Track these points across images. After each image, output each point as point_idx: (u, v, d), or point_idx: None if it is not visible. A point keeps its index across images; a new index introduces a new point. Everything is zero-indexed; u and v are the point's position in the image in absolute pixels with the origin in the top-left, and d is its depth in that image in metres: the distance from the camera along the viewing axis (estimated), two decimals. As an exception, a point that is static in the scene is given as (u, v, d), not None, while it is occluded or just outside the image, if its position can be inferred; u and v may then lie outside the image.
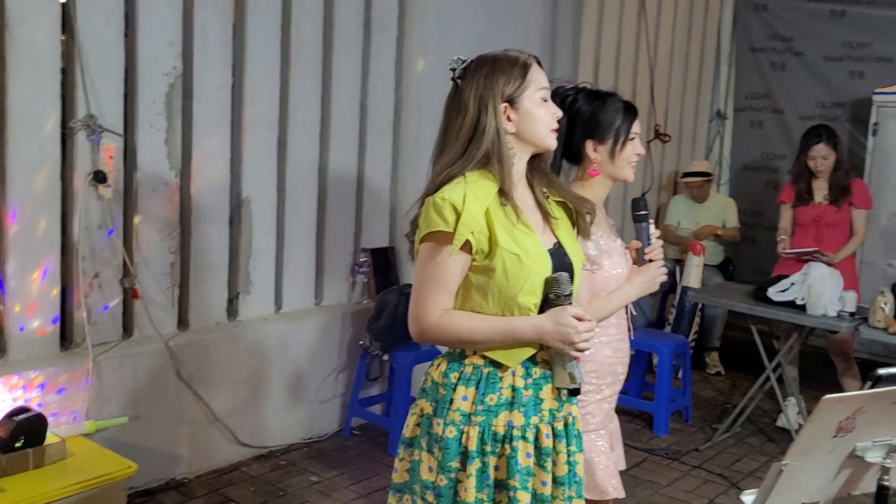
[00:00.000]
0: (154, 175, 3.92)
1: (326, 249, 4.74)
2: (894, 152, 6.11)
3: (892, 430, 1.85)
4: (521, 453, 2.09)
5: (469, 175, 2.07)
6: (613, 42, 6.48)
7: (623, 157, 2.63)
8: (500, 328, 2.06)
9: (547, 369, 2.13)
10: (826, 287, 4.53)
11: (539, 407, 2.12)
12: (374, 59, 4.78)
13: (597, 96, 2.65)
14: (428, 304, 2.07)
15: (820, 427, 1.75)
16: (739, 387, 5.83)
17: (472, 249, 2.04)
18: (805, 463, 1.80)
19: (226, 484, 4.11)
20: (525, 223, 2.09)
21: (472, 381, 2.10)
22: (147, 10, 3.80)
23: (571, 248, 2.19)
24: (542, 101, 2.12)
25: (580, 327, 2.02)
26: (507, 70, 2.10)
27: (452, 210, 2.01)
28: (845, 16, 6.84)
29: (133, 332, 3.98)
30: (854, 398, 1.72)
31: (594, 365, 2.61)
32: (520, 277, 2.03)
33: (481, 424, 2.08)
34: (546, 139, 2.14)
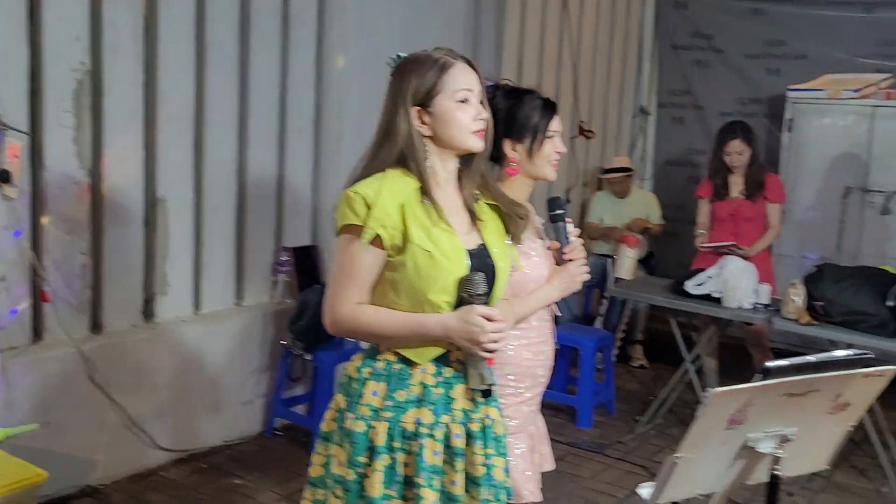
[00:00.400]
0: (63, 174, 3.82)
1: (247, 248, 4.68)
2: (809, 147, 6.26)
3: (782, 421, 1.89)
4: (427, 451, 2.08)
5: (390, 172, 2.08)
6: (537, 38, 6.52)
7: (542, 156, 2.59)
8: (408, 324, 2.06)
9: (460, 370, 2.13)
10: (741, 280, 4.63)
11: (450, 406, 2.12)
12: (293, 55, 4.74)
13: (515, 94, 2.61)
14: (340, 297, 2.09)
15: (711, 420, 1.78)
16: (662, 379, 5.90)
17: (386, 245, 2.04)
18: (699, 455, 1.83)
19: (144, 489, 4.04)
20: (445, 222, 2.09)
21: (382, 376, 2.11)
22: (52, 4, 3.70)
23: (498, 250, 2.18)
24: (459, 104, 2.09)
25: (487, 327, 2.01)
26: (422, 72, 2.09)
27: (364, 204, 2.02)
28: (764, 14, 6.99)
29: (43, 337, 3.87)
30: (743, 391, 1.75)
31: (512, 368, 2.57)
32: (431, 275, 2.04)
33: (390, 420, 2.09)
34: (465, 142, 2.11)
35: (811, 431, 1.97)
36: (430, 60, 2.11)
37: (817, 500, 4.30)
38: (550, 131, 2.60)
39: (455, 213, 2.15)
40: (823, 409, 1.94)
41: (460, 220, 2.15)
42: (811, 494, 4.34)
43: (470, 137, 2.10)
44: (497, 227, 2.23)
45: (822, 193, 6.23)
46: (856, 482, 4.52)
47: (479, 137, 2.11)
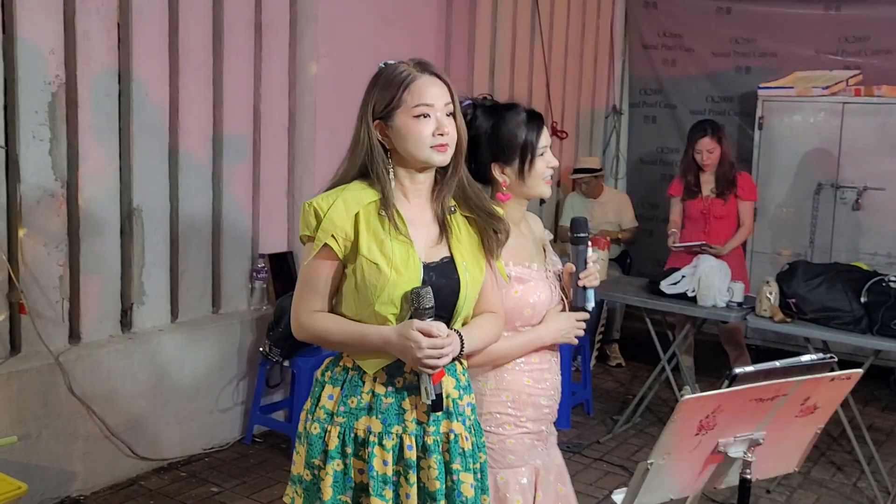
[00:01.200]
0: (38, 186, 3.82)
1: (223, 256, 4.69)
2: (780, 145, 6.34)
3: (751, 425, 1.93)
4: (376, 460, 2.12)
5: (353, 184, 2.13)
6: (508, 41, 6.56)
7: (534, 175, 2.44)
8: (352, 334, 2.11)
9: (414, 381, 2.13)
10: (715, 279, 4.68)
11: (402, 417, 2.13)
12: (266, 63, 4.75)
13: (495, 111, 2.44)
14: (299, 305, 2.17)
15: (682, 426, 1.82)
16: (640, 377, 5.97)
17: (339, 255, 2.09)
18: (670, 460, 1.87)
19: (124, 499, 4.05)
20: (404, 235, 2.10)
21: (338, 381, 2.16)
22: (26, 18, 3.69)
23: (469, 264, 2.17)
24: (417, 119, 2.07)
25: (423, 343, 1.99)
26: (384, 85, 2.12)
27: (314, 215, 2.09)
28: (731, 12, 7.07)
29: (21, 348, 3.87)
30: (712, 398, 1.79)
31: (511, 394, 2.44)
32: (377, 287, 2.06)
33: (342, 425, 2.13)
34: (422, 156, 2.09)
35: (780, 435, 2.02)
36: (395, 74, 2.11)
37: (795, 496, 4.36)
38: (540, 148, 2.44)
39: (421, 225, 2.16)
40: (792, 412, 1.98)
41: (426, 233, 2.16)
42: (789, 491, 4.40)
43: (427, 152, 2.09)
44: (472, 240, 2.22)
45: (794, 190, 6.32)
46: (833, 478, 4.59)
47: (438, 152, 2.09)
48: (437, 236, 2.18)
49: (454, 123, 2.12)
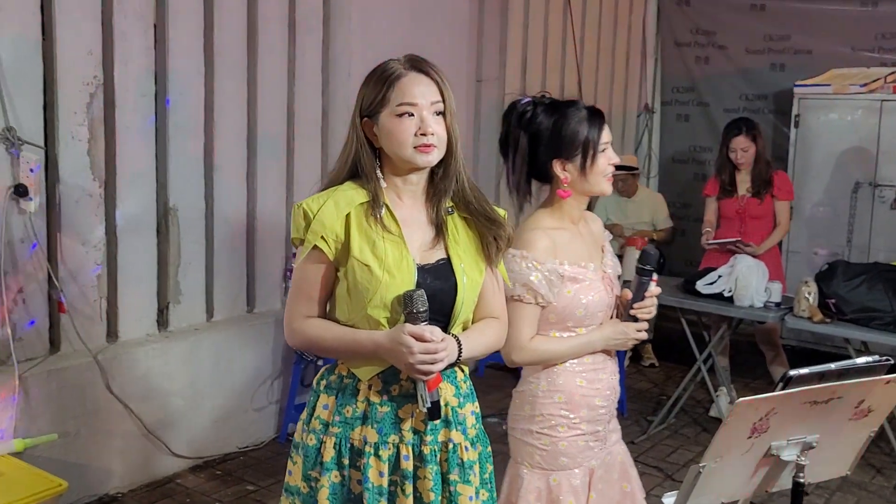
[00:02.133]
0: (77, 186, 3.85)
1: (258, 255, 4.70)
2: (816, 143, 6.27)
3: (804, 429, 1.90)
4: (372, 471, 2.05)
5: (345, 184, 2.07)
6: (540, 39, 6.54)
7: (596, 172, 2.43)
8: (344, 339, 2.03)
9: (410, 388, 2.05)
10: (752, 278, 4.64)
11: (398, 427, 2.06)
12: (300, 62, 4.76)
13: (556, 108, 2.44)
14: (291, 310, 2.10)
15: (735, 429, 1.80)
16: (673, 378, 5.93)
17: (330, 257, 2.03)
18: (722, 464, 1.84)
19: (160, 497, 4.07)
20: (398, 236, 2.04)
21: (333, 390, 2.09)
22: (64, 19, 3.72)
23: (468, 266, 2.09)
24: (399, 118, 2.00)
25: (415, 348, 1.92)
26: (371, 84, 2.06)
27: (304, 217, 2.03)
28: (765, 9, 7.00)
29: (60, 347, 3.90)
30: (766, 400, 1.76)
31: (563, 395, 2.43)
32: (369, 289, 1.99)
33: (338, 436, 2.06)
34: (405, 157, 2.02)
35: (833, 438, 1.99)
36: (382, 71, 2.05)
37: (834, 498, 4.31)
38: (602, 144, 2.43)
39: (416, 226, 2.09)
40: (846, 415, 1.95)
41: (421, 234, 2.09)
42: (828, 494, 4.35)
43: (412, 153, 2.01)
44: (471, 242, 2.13)
45: (831, 189, 6.24)
46: (872, 480, 4.53)
47: (421, 153, 2.00)
48: (433, 238, 2.10)
49: (443, 123, 2.03)
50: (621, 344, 2.47)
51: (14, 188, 3.61)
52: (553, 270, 2.38)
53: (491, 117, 6.12)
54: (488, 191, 6.36)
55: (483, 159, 6.10)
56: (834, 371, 1.85)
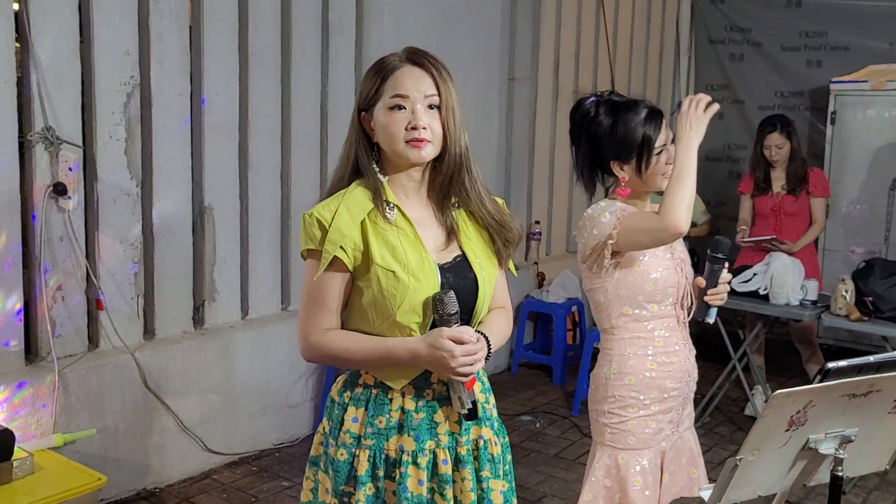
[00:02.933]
0: (115, 185, 3.90)
1: (292, 254, 4.73)
2: (853, 140, 6.20)
3: (843, 422, 1.89)
4: (411, 480, 1.99)
5: (352, 186, 2.00)
6: (573, 38, 6.53)
7: (652, 172, 2.51)
8: (375, 350, 1.95)
9: (443, 390, 2.01)
10: (788, 276, 4.60)
11: (434, 431, 2.01)
12: (333, 62, 4.78)
13: (615, 109, 2.51)
14: (308, 324, 2.00)
15: (772, 422, 1.79)
16: (707, 376, 5.87)
17: (349, 266, 1.95)
18: (759, 457, 1.83)
19: (197, 492, 4.11)
20: (414, 236, 1.98)
21: (361, 401, 2.02)
22: (102, 20, 3.77)
23: (483, 261, 2.05)
24: (391, 111, 1.95)
25: (456, 351, 1.86)
26: (369, 77, 2.01)
27: (319, 227, 1.94)
28: (801, 5, 6.94)
29: (98, 344, 3.96)
30: (804, 392, 1.75)
31: (633, 378, 2.51)
32: (396, 295, 1.93)
33: (371, 448, 1.99)
34: (399, 151, 1.96)
35: (872, 432, 1.97)
36: (380, 65, 2.01)
37: (871, 497, 4.27)
38: (659, 146, 2.49)
39: (427, 225, 2.03)
40: (885, 408, 1.93)
41: (433, 233, 2.03)
42: (865, 493, 4.30)
43: (404, 147, 1.95)
44: (480, 235, 2.09)
45: (868, 186, 6.17)
46: (910, 479, 4.49)
47: (413, 147, 1.94)
48: (445, 235, 2.04)
49: (439, 117, 1.97)
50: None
51: (53, 187, 3.67)
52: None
53: (523, 116, 6.12)
54: (521, 189, 6.39)
55: (515, 158, 6.10)
56: (872, 363, 1.84)
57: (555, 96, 6.44)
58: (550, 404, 5.39)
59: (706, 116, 2.46)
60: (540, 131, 6.36)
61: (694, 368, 2.66)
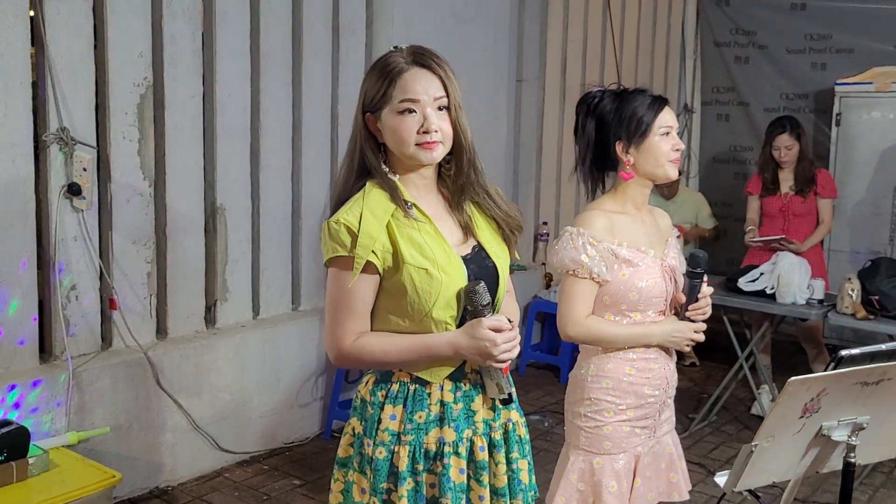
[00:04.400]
0: (128, 186, 3.94)
1: (302, 255, 4.77)
2: (858, 142, 6.23)
3: (855, 410, 1.92)
4: (453, 470, 2.03)
5: (368, 187, 2.01)
6: (580, 40, 6.56)
7: (655, 153, 2.47)
8: (415, 348, 1.98)
9: (477, 380, 2.06)
10: (794, 275, 4.63)
11: (472, 420, 2.06)
12: (344, 64, 4.82)
13: (621, 95, 2.53)
14: (340, 331, 2.00)
15: (787, 409, 1.82)
16: (714, 377, 5.92)
17: (379, 269, 1.97)
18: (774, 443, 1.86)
19: (209, 490, 4.14)
20: (436, 232, 2.02)
21: (399, 399, 2.03)
22: (116, 22, 3.81)
23: (496, 249, 2.11)
24: (401, 115, 1.96)
25: (498, 339, 1.92)
26: (372, 78, 2.01)
27: (348, 232, 1.94)
28: (806, 8, 6.97)
29: (112, 343, 3.99)
30: (818, 380, 1.78)
31: (611, 382, 2.49)
32: (431, 292, 1.96)
33: (411, 443, 2.02)
34: (410, 154, 1.98)
35: (884, 419, 2.00)
36: (384, 66, 2.00)
37: (878, 495, 4.29)
38: (663, 126, 2.48)
39: (443, 220, 2.07)
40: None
41: (450, 226, 2.07)
42: (871, 490, 4.33)
43: (415, 150, 1.97)
44: (489, 225, 2.13)
45: (873, 187, 6.20)
46: (916, 476, 4.51)
47: (425, 150, 1.97)
48: (460, 229, 2.09)
49: (448, 118, 1.99)
50: (678, 343, 2.51)
51: (68, 187, 3.71)
52: (608, 249, 2.43)
53: (531, 117, 6.16)
54: (528, 190, 6.42)
55: (523, 159, 6.14)
56: (885, 352, 1.87)
57: (562, 97, 6.48)
58: (558, 404, 5.41)
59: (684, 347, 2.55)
60: (547, 132, 6.40)
61: (673, 375, 2.61)
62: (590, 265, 2.42)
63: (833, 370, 1.82)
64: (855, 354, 1.84)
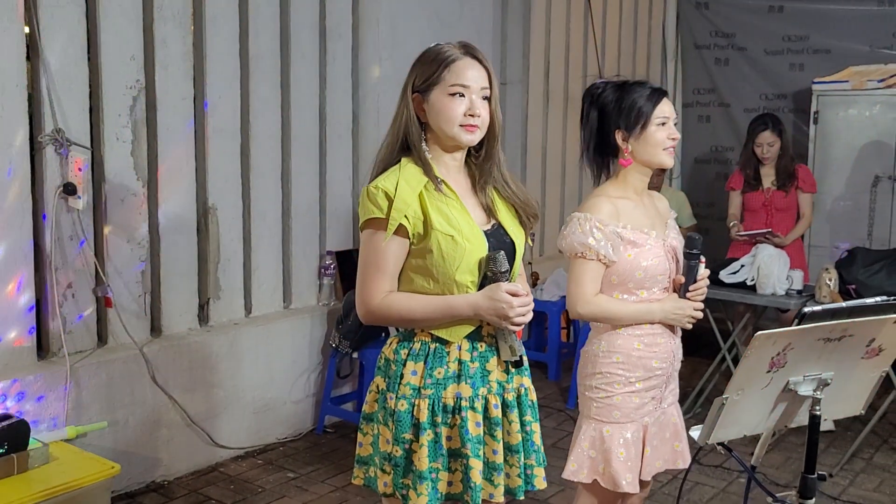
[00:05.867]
0: (122, 186, 4.03)
1: (293, 253, 4.86)
2: (835, 139, 6.35)
3: (820, 365, 2.02)
4: (470, 423, 2.22)
5: (403, 161, 2.22)
6: (562, 43, 6.69)
7: (652, 142, 2.62)
8: (438, 307, 2.19)
9: (493, 343, 2.27)
10: (774, 267, 4.74)
11: (486, 379, 2.26)
12: (331, 67, 4.93)
13: (622, 85, 2.68)
14: (370, 288, 2.22)
15: (754, 362, 1.92)
16: (699, 371, 5.99)
17: (409, 233, 2.17)
18: (744, 397, 1.97)
19: (205, 484, 4.22)
20: (461, 206, 2.23)
21: (420, 356, 2.24)
22: (109, 26, 3.91)
23: (514, 229, 2.32)
24: (451, 97, 2.18)
25: (514, 302, 2.13)
26: (426, 62, 2.23)
27: (385, 197, 2.15)
28: (783, 11, 7.11)
29: (108, 340, 4.08)
30: (783, 334, 1.89)
31: (621, 356, 2.64)
32: (455, 257, 2.17)
33: (430, 397, 2.21)
34: (452, 133, 2.20)
35: (847, 376, 2.10)
36: (438, 53, 2.23)
37: (858, 480, 4.39)
38: (660, 117, 2.63)
39: (467, 198, 2.27)
40: (858, 353, 2.07)
41: (473, 205, 2.28)
42: (852, 475, 4.43)
43: (457, 130, 2.19)
44: (507, 207, 2.34)
45: (852, 183, 6.32)
46: (895, 463, 4.60)
47: (467, 131, 2.19)
48: (482, 207, 2.30)
49: (488, 108, 2.23)
50: (678, 319, 2.66)
51: (63, 187, 3.80)
52: (614, 232, 2.59)
53: (516, 119, 6.27)
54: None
55: (508, 161, 6.22)
56: (845, 308, 1.98)
57: (546, 100, 6.60)
58: (546, 398, 5.51)
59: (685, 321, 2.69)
60: (531, 135, 6.51)
61: (679, 348, 2.78)
62: (597, 247, 2.58)
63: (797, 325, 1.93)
64: (817, 311, 1.95)
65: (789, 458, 4.62)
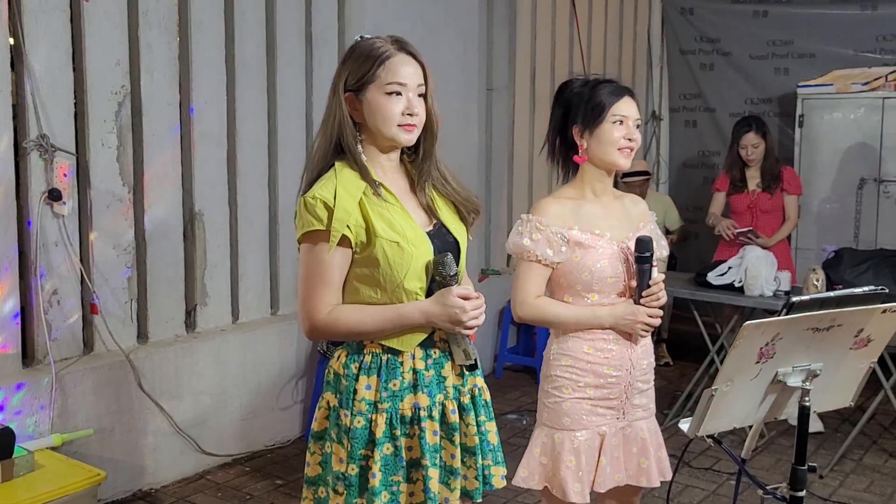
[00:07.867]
0: (107, 192, 4.01)
1: (280, 259, 4.84)
2: (821, 142, 6.39)
3: (809, 356, 2.02)
4: (428, 433, 2.15)
5: (338, 166, 2.11)
6: (548, 48, 6.71)
7: (605, 140, 2.52)
8: (388, 317, 2.09)
9: (446, 348, 2.19)
10: (761, 268, 4.74)
11: (443, 385, 2.19)
12: (317, 72, 4.92)
13: (588, 82, 2.60)
14: (315, 303, 2.10)
15: (743, 352, 1.91)
16: (687, 375, 6.01)
17: (352, 243, 2.08)
18: (733, 388, 1.96)
19: (192, 492, 4.18)
20: (401, 209, 2.14)
21: (373, 369, 2.14)
22: (93, 32, 3.90)
23: (456, 227, 2.24)
24: (388, 96, 2.08)
25: (466, 306, 2.07)
26: (359, 59, 2.12)
27: (324, 207, 2.04)
28: (768, 16, 7.16)
29: (94, 347, 4.05)
30: (771, 324, 1.88)
31: (570, 360, 2.56)
32: (402, 264, 2.08)
33: (388, 410, 2.13)
34: (389, 133, 2.11)
35: (836, 367, 2.10)
36: (371, 49, 2.12)
37: (848, 480, 4.39)
38: (617, 114, 2.53)
39: (406, 199, 2.19)
40: (847, 344, 2.07)
41: (413, 206, 2.19)
42: (842, 476, 4.43)
43: (396, 130, 2.10)
44: (447, 204, 2.26)
45: (837, 186, 6.36)
46: (885, 463, 4.61)
47: (405, 131, 2.10)
48: (422, 208, 2.21)
49: (425, 105, 2.14)
50: (630, 326, 2.53)
51: (48, 193, 3.77)
52: (557, 233, 2.53)
53: (502, 125, 6.28)
54: (501, 197, 6.49)
55: (495, 166, 6.25)
56: (833, 298, 1.98)
57: (532, 106, 6.61)
58: (535, 403, 5.48)
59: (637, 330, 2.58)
60: (518, 140, 6.52)
61: (641, 358, 2.62)
62: (532, 248, 2.53)
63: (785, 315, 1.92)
64: (805, 301, 1.94)
65: (780, 460, 4.63)
